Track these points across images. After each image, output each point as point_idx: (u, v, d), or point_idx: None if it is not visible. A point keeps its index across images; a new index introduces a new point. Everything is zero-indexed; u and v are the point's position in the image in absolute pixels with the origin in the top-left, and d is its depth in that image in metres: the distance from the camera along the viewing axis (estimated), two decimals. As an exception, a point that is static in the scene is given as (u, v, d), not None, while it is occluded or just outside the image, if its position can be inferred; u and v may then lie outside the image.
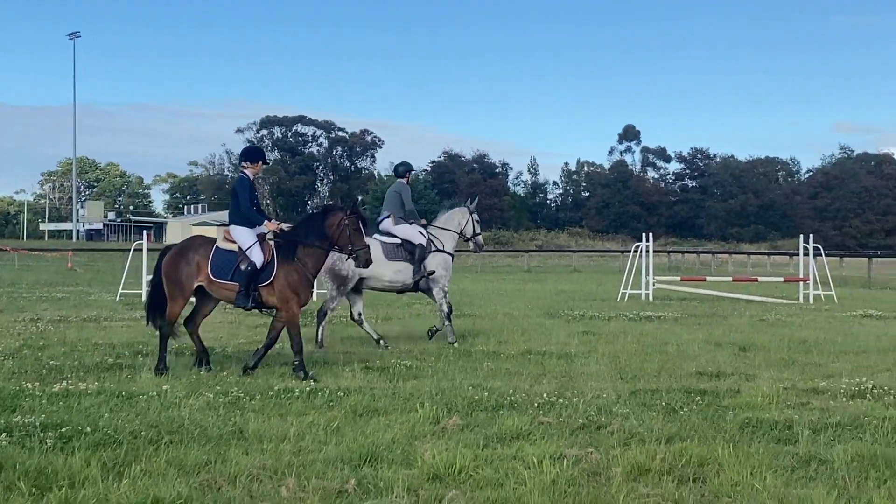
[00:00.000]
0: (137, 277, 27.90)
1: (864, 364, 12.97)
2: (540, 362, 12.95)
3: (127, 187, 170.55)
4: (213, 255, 11.99)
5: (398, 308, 22.80)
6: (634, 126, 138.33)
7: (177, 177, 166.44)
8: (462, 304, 24.44)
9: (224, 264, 11.93)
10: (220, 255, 12.00)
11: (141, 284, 26.75)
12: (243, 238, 11.99)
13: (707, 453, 7.44)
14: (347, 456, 7.37)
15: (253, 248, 11.86)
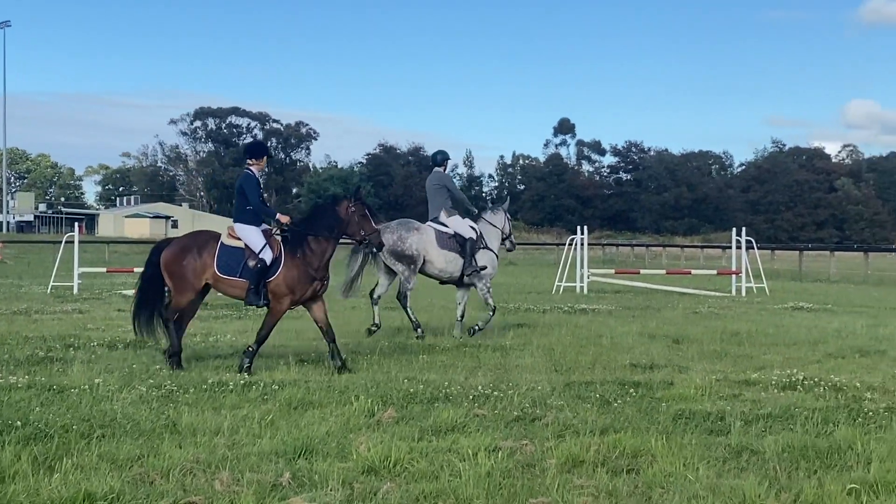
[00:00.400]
0: (68, 270, 27.57)
1: (795, 356, 13.15)
2: (475, 355, 12.96)
3: (58, 179, 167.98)
4: (218, 251, 11.82)
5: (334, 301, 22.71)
6: (569, 119, 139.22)
7: (109, 168, 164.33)
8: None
9: (231, 261, 11.76)
10: (227, 251, 11.82)
11: (73, 277, 26.42)
12: (252, 237, 11.84)
13: (640, 445, 7.49)
14: (282, 449, 7.32)
15: (261, 246, 11.75)
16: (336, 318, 17.32)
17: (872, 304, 23.58)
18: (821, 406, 9.25)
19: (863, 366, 12.23)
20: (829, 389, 10.22)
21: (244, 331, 15.63)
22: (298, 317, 18.22)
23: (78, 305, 20.86)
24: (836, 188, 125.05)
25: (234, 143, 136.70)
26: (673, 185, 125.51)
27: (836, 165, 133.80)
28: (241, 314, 18.76)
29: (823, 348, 13.94)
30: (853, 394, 10.01)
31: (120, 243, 69.07)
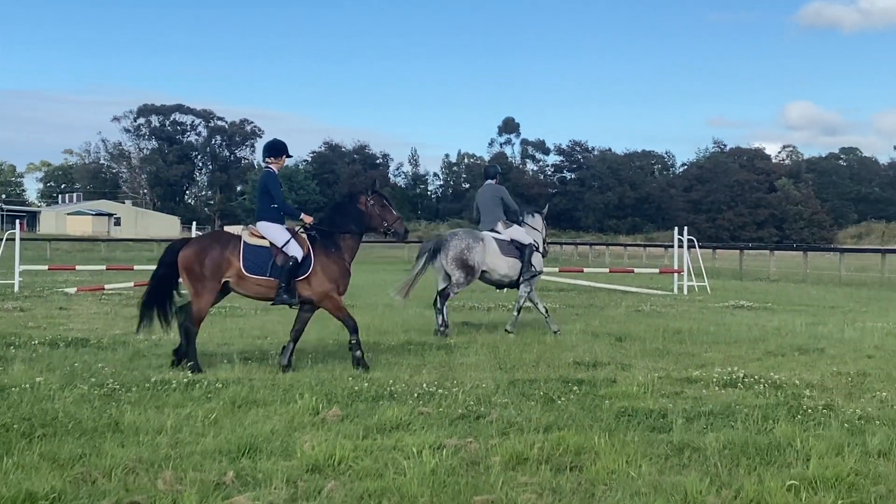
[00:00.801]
0: (10, 267, 27.21)
1: (736, 354, 13.29)
2: (420, 353, 12.97)
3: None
4: (243, 251, 11.67)
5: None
6: (514, 119, 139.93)
7: (51, 165, 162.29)
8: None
9: (258, 260, 11.66)
10: (252, 250, 11.70)
11: (14, 274, 26.06)
12: (277, 234, 11.79)
13: (584, 442, 7.54)
14: (226, 448, 7.29)
15: (290, 244, 11.70)
16: (278, 316, 17.28)
17: (811, 303, 23.88)
18: (761, 403, 9.36)
19: (802, 363, 12.38)
20: (769, 387, 10.34)
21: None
22: (242, 314, 18.16)
23: (19, 303, 20.58)
24: (777, 188, 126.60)
25: (177, 140, 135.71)
26: (616, 185, 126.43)
27: (777, 166, 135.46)
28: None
29: (763, 346, 14.09)
30: (792, 391, 10.13)
31: (62, 241, 68.27)
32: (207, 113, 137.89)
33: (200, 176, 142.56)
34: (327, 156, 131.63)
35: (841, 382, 10.85)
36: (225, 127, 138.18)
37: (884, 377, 11.26)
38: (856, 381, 10.96)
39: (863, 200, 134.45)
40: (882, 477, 6.81)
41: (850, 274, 38.45)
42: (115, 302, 21.18)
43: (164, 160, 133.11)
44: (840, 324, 17.55)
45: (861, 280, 36.51)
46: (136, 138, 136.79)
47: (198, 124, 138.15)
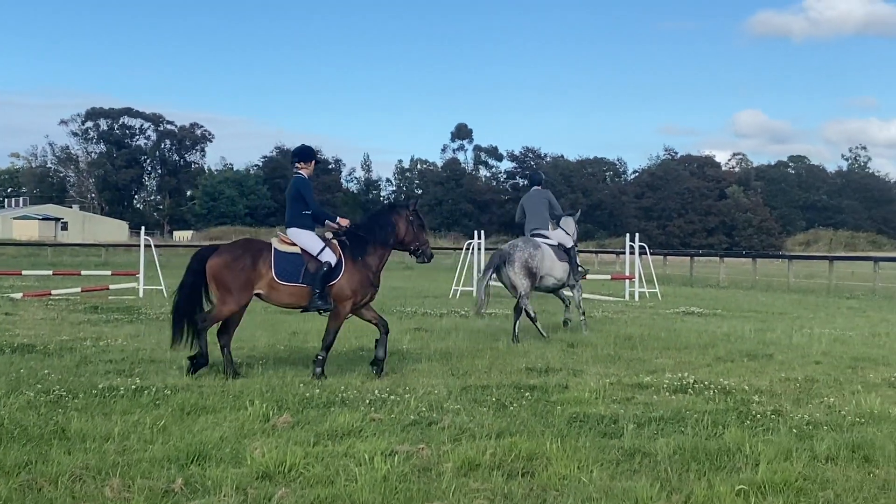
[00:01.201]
0: (-47, 272, 26.80)
1: (686, 360, 13.37)
2: (367, 358, 12.91)
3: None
4: (275, 259, 11.54)
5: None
6: (467, 125, 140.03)
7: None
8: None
9: (290, 267, 11.54)
10: (283, 258, 11.58)
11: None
12: (309, 241, 11.72)
13: (536, 448, 7.54)
14: (174, 455, 7.22)
15: (323, 251, 11.64)
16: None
17: (760, 309, 24.09)
18: (711, 409, 9.42)
19: (751, 369, 12.48)
20: (718, 392, 10.41)
21: (136, 335, 15.38)
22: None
23: (-37, 309, 20.30)
24: (726, 195, 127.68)
25: (126, 144, 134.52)
26: (568, 191, 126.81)
27: (726, 173, 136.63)
28: (132, 318, 18.45)
29: (713, 352, 14.18)
30: (742, 397, 10.21)
31: (8, 245, 67.35)
32: (157, 117, 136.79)
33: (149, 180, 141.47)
34: (279, 160, 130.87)
35: (789, 388, 10.94)
36: (175, 131, 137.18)
37: (831, 383, 11.38)
38: (804, 386, 11.07)
39: (811, 208, 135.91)
40: (830, 482, 6.87)
41: (799, 281, 38.85)
42: (62, 307, 20.95)
43: (113, 164, 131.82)
44: (788, 330, 17.72)
45: (809, 287, 36.90)
46: (83, 142, 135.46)
47: (147, 128, 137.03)
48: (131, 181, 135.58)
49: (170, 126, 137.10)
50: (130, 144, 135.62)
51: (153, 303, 22.64)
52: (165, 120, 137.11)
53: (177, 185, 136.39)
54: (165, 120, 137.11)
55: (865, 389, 10.72)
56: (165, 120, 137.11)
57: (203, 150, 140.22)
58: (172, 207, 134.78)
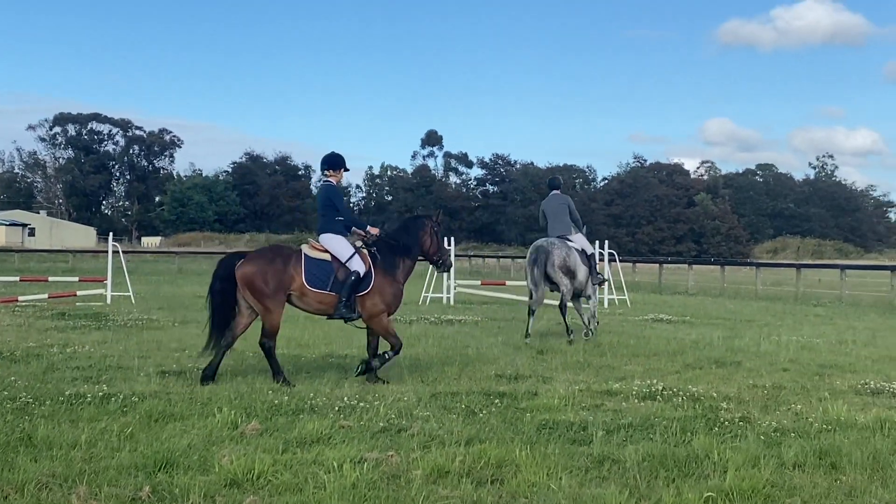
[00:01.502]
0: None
1: (655, 366, 13.41)
2: (341, 365, 12.91)
3: None
4: (305, 264, 11.57)
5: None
6: (437, 131, 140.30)
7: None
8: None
9: (319, 274, 11.56)
10: (313, 264, 11.61)
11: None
12: (340, 248, 11.76)
13: (505, 455, 7.54)
14: (142, 462, 7.17)
15: (353, 259, 11.66)
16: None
17: (728, 317, 24.19)
18: (679, 416, 9.45)
19: (719, 376, 12.53)
20: (687, 399, 10.44)
21: (103, 341, 15.28)
22: (159, 327, 17.92)
23: (-72, 315, 20.10)
24: (695, 203, 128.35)
25: (94, 149, 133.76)
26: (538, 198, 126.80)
27: (695, 181, 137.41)
28: (99, 325, 18.32)
29: (682, 359, 14.23)
30: (710, 404, 10.25)
31: (-26, 251, 66.81)
32: (125, 122, 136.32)
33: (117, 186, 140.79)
34: (248, 167, 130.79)
35: (757, 395, 11.00)
36: (143, 136, 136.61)
37: (799, 390, 11.44)
38: (771, 393, 11.12)
39: (778, 216, 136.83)
40: (797, 489, 6.91)
41: (766, 288, 39.05)
42: (29, 314, 20.78)
43: (81, 170, 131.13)
44: (756, 337, 17.80)
45: (776, 294, 37.10)
46: (51, 147, 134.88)
47: (115, 134, 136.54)
48: (99, 187, 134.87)
49: (138, 131, 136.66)
50: (98, 150, 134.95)
51: (121, 309, 22.49)
52: (134, 125, 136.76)
53: (145, 191, 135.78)
54: (134, 125, 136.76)
55: (832, 396, 10.78)
56: (134, 125, 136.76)
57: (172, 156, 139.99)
58: (141, 213, 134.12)
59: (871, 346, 16.81)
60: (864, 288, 37.03)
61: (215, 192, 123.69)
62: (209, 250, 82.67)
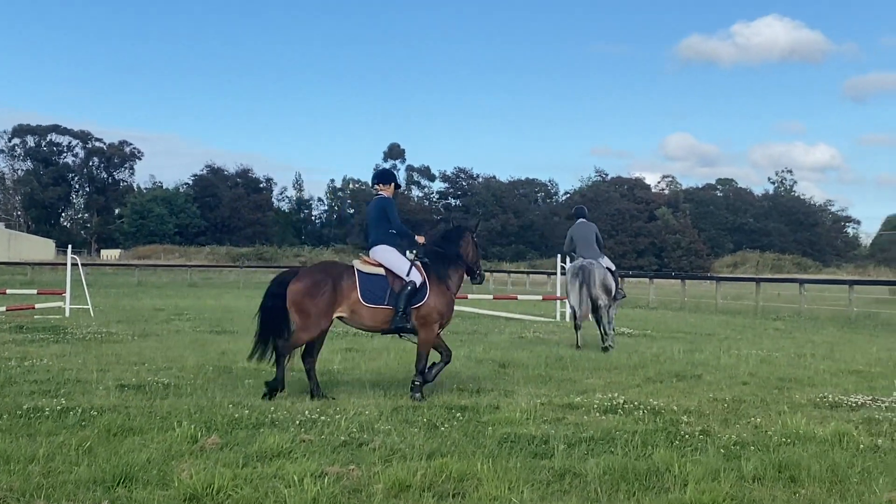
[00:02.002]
0: None
1: (616, 380, 13.46)
2: (302, 379, 12.82)
3: None
4: (360, 280, 11.47)
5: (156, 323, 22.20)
6: (399, 145, 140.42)
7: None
8: (223, 320, 24.07)
9: (375, 288, 11.49)
10: (368, 279, 11.53)
11: None
12: (396, 260, 11.75)
13: (467, 468, 7.53)
14: (100, 477, 7.10)
15: (408, 269, 11.65)
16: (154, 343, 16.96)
17: (689, 330, 24.34)
18: (640, 429, 9.48)
19: (680, 390, 12.59)
20: (648, 413, 10.49)
21: (62, 355, 15.14)
22: (118, 341, 17.78)
23: None
24: (656, 217, 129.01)
25: (53, 161, 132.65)
26: (500, 212, 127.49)
27: (656, 195, 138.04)
28: (58, 338, 18.16)
29: (643, 373, 14.29)
30: (671, 417, 10.29)
31: (-70, 263, 66.10)
32: (85, 134, 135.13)
33: (77, 198, 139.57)
34: (209, 179, 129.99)
35: (717, 409, 11.05)
36: (103, 148, 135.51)
37: (758, 403, 11.52)
38: (732, 407, 11.19)
39: (738, 230, 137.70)
40: (757, 502, 6.96)
41: (726, 302, 39.34)
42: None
43: (39, 182, 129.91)
44: (716, 351, 17.92)
45: (736, 308, 37.37)
46: (10, 159, 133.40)
47: (75, 145, 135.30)
48: (58, 199, 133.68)
49: (98, 143, 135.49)
50: (58, 162, 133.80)
51: (79, 322, 22.30)
52: (94, 137, 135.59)
53: (105, 204, 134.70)
54: (94, 137, 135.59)
55: (791, 410, 10.86)
56: (94, 137, 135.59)
57: (132, 168, 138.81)
58: (100, 226, 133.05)
59: (830, 359, 16.95)
60: (823, 302, 37.36)
61: (176, 204, 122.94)
62: (169, 263, 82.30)
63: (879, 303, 37.96)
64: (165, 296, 39.88)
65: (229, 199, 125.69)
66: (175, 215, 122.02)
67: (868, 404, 11.49)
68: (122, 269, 70.34)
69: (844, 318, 30.93)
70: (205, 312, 27.65)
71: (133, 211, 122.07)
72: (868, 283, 47.92)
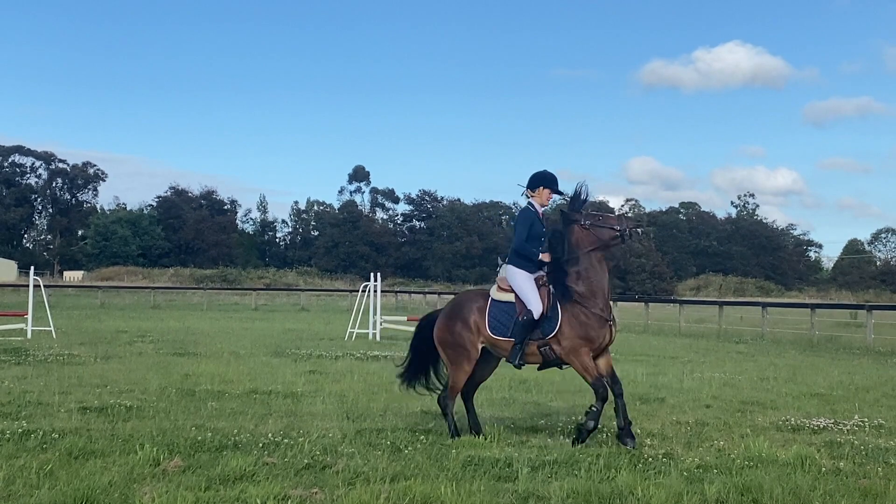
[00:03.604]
0: None
1: (580, 403, 13.45)
2: (266, 402, 12.80)
3: None
4: (489, 309, 10.39)
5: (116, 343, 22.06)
6: (364, 167, 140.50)
7: None
8: (187, 342, 23.95)
9: (502, 318, 10.32)
10: (497, 308, 10.39)
11: None
12: (521, 283, 10.30)
13: (431, 491, 7.53)
14: (61, 500, 7.05)
15: (530, 296, 10.18)
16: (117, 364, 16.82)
17: (652, 353, 24.44)
18: (604, 452, 9.51)
19: (643, 413, 12.64)
20: (611, 436, 10.51)
21: (23, 377, 15.00)
22: (81, 363, 17.64)
23: None
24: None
25: (16, 182, 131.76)
26: (465, 234, 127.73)
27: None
28: (19, 360, 18.00)
29: (607, 395, 14.31)
30: (634, 440, 10.32)
31: None
32: (48, 155, 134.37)
33: (40, 219, 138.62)
34: (173, 200, 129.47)
35: (680, 431, 11.11)
36: (67, 170, 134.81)
37: (721, 426, 11.58)
38: (695, 430, 11.24)
39: (701, 254, 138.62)
40: (719, 524, 6.97)
41: (690, 325, 39.56)
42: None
43: (2, 202, 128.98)
44: (679, 374, 18.01)
45: (699, 331, 37.58)
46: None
47: (38, 166, 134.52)
48: (21, 220, 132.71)
49: (62, 164, 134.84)
50: (21, 183, 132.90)
51: (41, 344, 22.12)
52: (57, 158, 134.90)
53: (68, 225, 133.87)
54: (57, 158, 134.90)
55: (754, 433, 10.92)
56: (57, 158, 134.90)
57: (96, 190, 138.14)
58: (63, 247, 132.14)
59: (792, 382, 17.07)
60: (785, 325, 37.62)
61: (139, 226, 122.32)
62: (132, 285, 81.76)
63: (841, 326, 38.24)
64: (129, 318, 39.61)
65: (193, 221, 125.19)
66: (139, 237, 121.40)
67: (830, 427, 11.57)
68: (85, 291, 69.84)
69: (806, 342, 31.17)
70: (168, 334, 27.50)
71: (96, 232, 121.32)
72: (830, 306, 48.30)
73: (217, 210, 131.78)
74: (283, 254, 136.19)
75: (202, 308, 55.76)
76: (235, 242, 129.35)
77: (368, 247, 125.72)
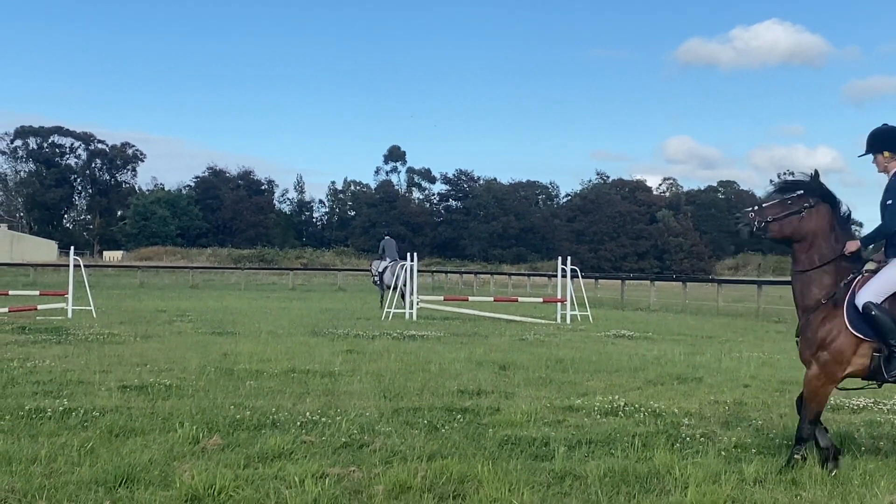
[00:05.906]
0: None
1: (617, 382, 13.46)
2: (303, 381, 12.86)
3: None
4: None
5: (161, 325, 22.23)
6: (400, 147, 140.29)
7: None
8: (225, 321, 24.08)
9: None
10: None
11: None
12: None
13: (467, 470, 7.54)
14: (102, 478, 7.11)
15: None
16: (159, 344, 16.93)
17: (690, 333, 24.34)
18: (641, 431, 9.49)
19: (680, 392, 12.60)
20: (648, 415, 10.49)
21: (64, 356, 15.15)
22: (121, 342, 17.79)
23: None
24: (657, 220, 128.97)
25: (56, 162, 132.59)
26: (501, 214, 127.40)
27: (657, 198, 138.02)
28: (60, 339, 18.17)
29: (643, 375, 14.30)
30: (671, 420, 10.30)
31: (-68, 264, 66.14)
32: (88, 136, 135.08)
33: (79, 200, 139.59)
34: (211, 181, 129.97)
35: (718, 411, 11.06)
36: (106, 150, 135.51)
37: (759, 406, 11.53)
38: (733, 409, 11.19)
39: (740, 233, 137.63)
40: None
41: (728, 304, 39.31)
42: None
43: (42, 183, 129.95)
44: (717, 353, 17.92)
45: (738, 311, 37.34)
46: (12, 161, 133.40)
47: (77, 147, 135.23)
48: (61, 200, 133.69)
49: (101, 145, 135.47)
50: (60, 163, 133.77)
51: (82, 323, 22.32)
52: (96, 139, 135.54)
53: (107, 205, 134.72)
54: (96, 139, 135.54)
55: (792, 412, 10.85)
56: (96, 139, 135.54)
57: (134, 170, 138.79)
58: (103, 227, 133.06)
59: (831, 362, 16.92)
60: (824, 305, 37.25)
61: (178, 206, 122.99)
62: (171, 265, 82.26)
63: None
64: (167, 297, 39.90)
65: (231, 201, 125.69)
66: (177, 217, 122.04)
67: (870, 407, 11.49)
68: (125, 271, 70.37)
69: (846, 321, 30.88)
70: (206, 314, 27.67)
71: (135, 213, 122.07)
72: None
73: (254, 190, 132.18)
74: (320, 234, 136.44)
75: (240, 288, 56.07)
76: (273, 223, 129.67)
77: (405, 226, 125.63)
